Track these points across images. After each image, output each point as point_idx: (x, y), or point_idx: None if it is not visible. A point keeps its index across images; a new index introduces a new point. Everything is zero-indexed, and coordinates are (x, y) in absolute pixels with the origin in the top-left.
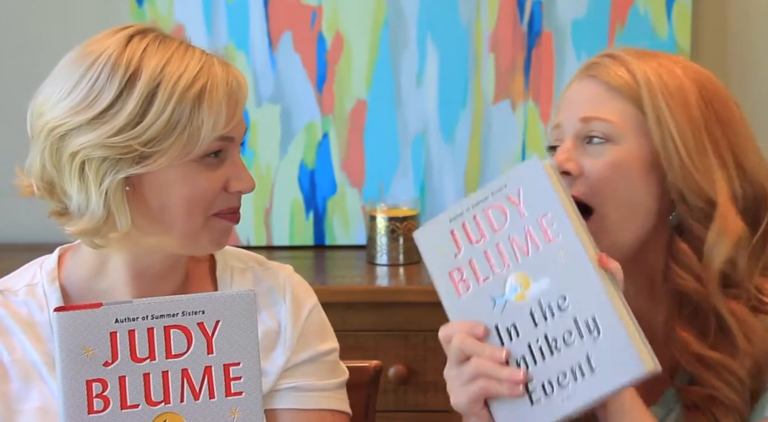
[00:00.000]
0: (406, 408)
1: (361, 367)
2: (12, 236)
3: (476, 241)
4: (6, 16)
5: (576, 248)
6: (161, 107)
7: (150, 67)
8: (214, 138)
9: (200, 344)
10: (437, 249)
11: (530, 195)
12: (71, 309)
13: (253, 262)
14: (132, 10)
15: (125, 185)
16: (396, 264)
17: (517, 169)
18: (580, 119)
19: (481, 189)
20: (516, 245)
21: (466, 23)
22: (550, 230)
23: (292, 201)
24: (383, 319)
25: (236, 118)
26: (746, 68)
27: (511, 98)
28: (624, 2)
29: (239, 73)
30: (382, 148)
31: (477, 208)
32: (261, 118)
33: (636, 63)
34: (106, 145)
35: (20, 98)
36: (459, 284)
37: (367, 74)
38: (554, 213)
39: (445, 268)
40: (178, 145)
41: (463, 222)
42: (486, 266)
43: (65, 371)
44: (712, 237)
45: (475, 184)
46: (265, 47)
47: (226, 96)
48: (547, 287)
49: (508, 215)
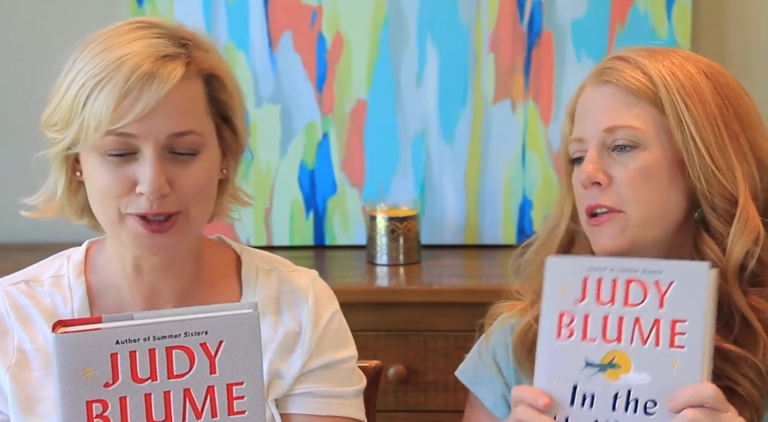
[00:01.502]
0: (406, 408)
1: (361, 367)
2: (12, 236)
3: (603, 302)
4: (6, 17)
5: (694, 369)
6: (72, 94)
7: (89, 54)
8: (102, 132)
9: (203, 364)
10: (562, 284)
11: (680, 294)
12: (71, 325)
13: (279, 264)
14: (132, 10)
15: (74, 169)
16: (396, 264)
17: (682, 264)
18: (604, 129)
19: (636, 258)
20: (638, 329)
21: (466, 23)
22: (678, 337)
23: (292, 201)
24: (383, 319)
25: (133, 113)
26: (746, 68)
27: (511, 98)
28: (624, 2)
29: (178, 70)
30: (382, 148)
31: (622, 273)
32: (261, 118)
33: (649, 64)
34: (46, 124)
35: (20, 98)
36: (563, 328)
37: (367, 74)
38: (692, 325)
39: (559, 306)
40: (71, 134)
41: (600, 278)
42: (598, 329)
43: (64, 392)
44: (733, 233)
45: (475, 184)
46: (265, 47)
47: (119, 88)
48: (645, 384)
49: (647, 298)
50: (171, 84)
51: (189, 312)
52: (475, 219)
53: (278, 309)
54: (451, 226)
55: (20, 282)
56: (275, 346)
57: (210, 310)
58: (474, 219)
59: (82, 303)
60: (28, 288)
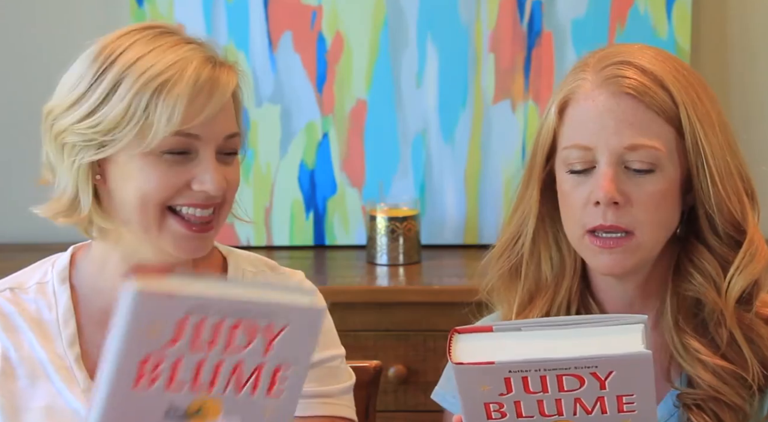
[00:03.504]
0: (406, 408)
1: (361, 367)
2: (12, 236)
3: (534, 392)
4: (6, 17)
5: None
6: (120, 97)
7: (126, 58)
8: (170, 133)
9: (260, 343)
10: (480, 385)
11: (622, 380)
12: (142, 273)
13: (265, 267)
14: (132, 10)
15: (95, 173)
16: (396, 264)
17: (621, 357)
18: (627, 146)
19: (562, 355)
20: (580, 404)
21: (466, 23)
22: (627, 405)
23: (292, 201)
24: (383, 319)
25: (202, 115)
26: (746, 68)
27: (511, 98)
28: (624, 2)
29: (229, 74)
30: (382, 148)
31: (549, 372)
32: (261, 118)
33: (665, 75)
34: (74, 130)
35: (20, 98)
36: (493, 412)
37: (367, 74)
38: (641, 401)
39: (483, 399)
40: (130, 136)
41: (525, 377)
42: (535, 409)
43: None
44: (740, 261)
45: (475, 184)
46: (265, 47)
47: (188, 91)
48: None
49: (585, 385)
50: (231, 89)
51: (263, 288)
52: (475, 219)
53: None
54: (451, 226)
55: (5, 289)
56: None
57: (281, 290)
58: (474, 219)
59: (67, 309)
60: (12, 295)
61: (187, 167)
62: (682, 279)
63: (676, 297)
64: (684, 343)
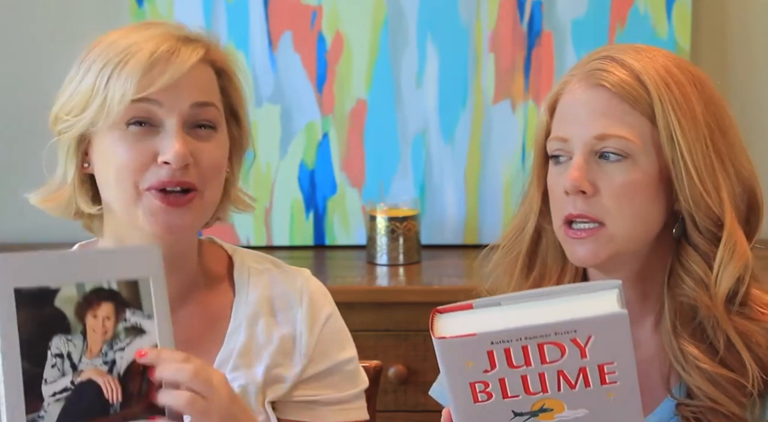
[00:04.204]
0: (406, 408)
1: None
2: (12, 236)
3: (517, 366)
4: (6, 17)
5: (632, 396)
6: (90, 75)
7: (103, 43)
8: (127, 102)
9: (573, 352)
10: (464, 360)
11: (601, 345)
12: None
13: (269, 264)
14: (132, 10)
15: (82, 162)
16: (396, 264)
17: (598, 318)
18: (596, 136)
19: (542, 321)
20: (563, 378)
21: (466, 23)
22: (609, 375)
23: (292, 201)
24: (383, 319)
25: (161, 82)
26: (746, 68)
27: (511, 98)
28: (624, 2)
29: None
30: (382, 148)
31: (530, 340)
32: (261, 118)
33: (644, 71)
34: (59, 118)
35: (21, 98)
36: (479, 393)
37: (367, 74)
38: (622, 365)
39: (468, 378)
40: (94, 110)
41: (507, 348)
42: (519, 387)
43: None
44: (721, 258)
45: (475, 184)
46: (265, 47)
47: (144, 61)
48: (582, 416)
49: (566, 354)
50: (194, 59)
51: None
52: (475, 219)
53: (272, 311)
54: (451, 226)
55: None
56: (272, 351)
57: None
58: (474, 219)
59: None
60: None
61: (153, 140)
62: (675, 284)
63: (673, 302)
64: (682, 350)
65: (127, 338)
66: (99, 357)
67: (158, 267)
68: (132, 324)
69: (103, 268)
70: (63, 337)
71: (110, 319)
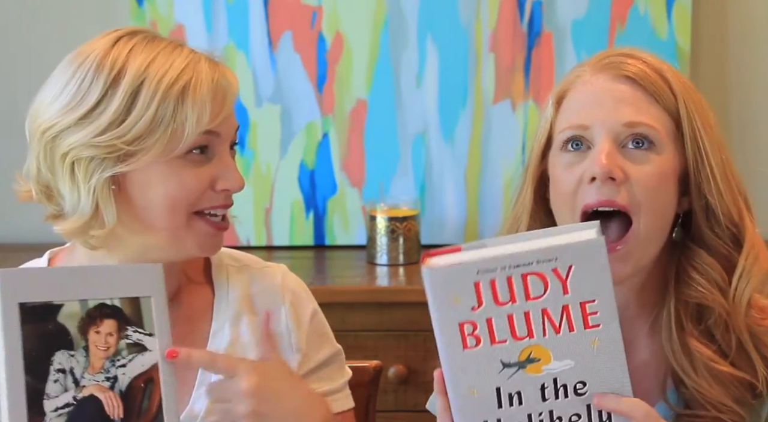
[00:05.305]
0: (406, 408)
1: (361, 367)
2: (12, 236)
3: (503, 303)
4: (6, 17)
5: (615, 343)
6: (145, 105)
7: (135, 65)
8: (199, 133)
9: (556, 287)
10: (452, 295)
11: (582, 276)
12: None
13: (249, 261)
14: (132, 10)
15: (111, 183)
16: (396, 264)
17: (576, 245)
18: (625, 123)
19: (524, 249)
20: (548, 320)
21: (466, 23)
22: (591, 317)
23: (292, 201)
24: (383, 319)
25: (223, 114)
26: (746, 68)
27: (511, 98)
28: (624, 2)
29: (229, 72)
30: (382, 148)
31: (514, 270)
32: (261, 118)
33: (667, 69)
34: (92, 144)
35: (20, 100)
36: (468, 337)
37: (367, 74)
38: (602, 302)
39: (456, 318)
40: (162, 142)
41: (492, 279)
42: (506, 329)
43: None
44: (743, 266)
45: (475, 184)
46: (265, 47)
47: (211, 92)
48: (569, 369)
49: (548, 288)
50: (236, 87)
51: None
52: (475, 219)
53: (254, 309)
54: (451, 226)
55: None
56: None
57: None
58: (474, 220)
59: None
60: None
61: (206, 167)
62: (685, 285)
63: (680, 305)
64: (689, 351)
65: (129, 354)
66: (101, 373)
67: (160, 286)
68: (134, 340)
69: (107, 286)
70: (66, 353)
71: (113, 336)
